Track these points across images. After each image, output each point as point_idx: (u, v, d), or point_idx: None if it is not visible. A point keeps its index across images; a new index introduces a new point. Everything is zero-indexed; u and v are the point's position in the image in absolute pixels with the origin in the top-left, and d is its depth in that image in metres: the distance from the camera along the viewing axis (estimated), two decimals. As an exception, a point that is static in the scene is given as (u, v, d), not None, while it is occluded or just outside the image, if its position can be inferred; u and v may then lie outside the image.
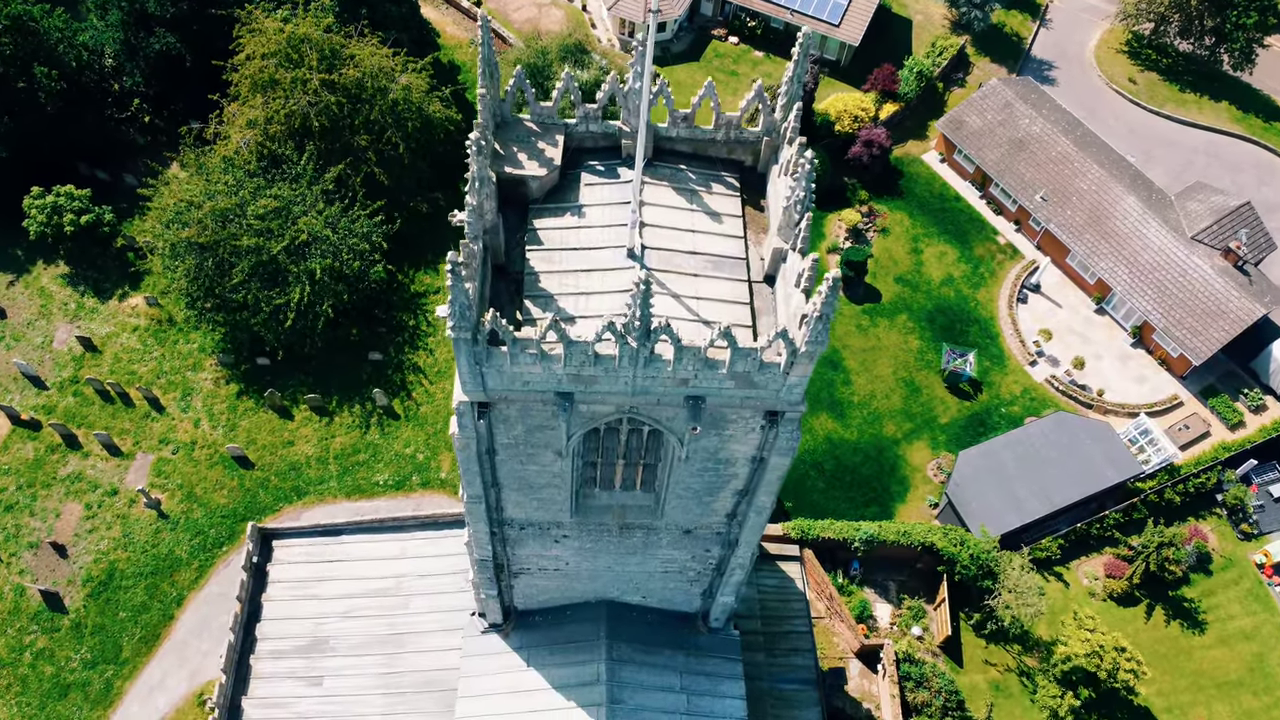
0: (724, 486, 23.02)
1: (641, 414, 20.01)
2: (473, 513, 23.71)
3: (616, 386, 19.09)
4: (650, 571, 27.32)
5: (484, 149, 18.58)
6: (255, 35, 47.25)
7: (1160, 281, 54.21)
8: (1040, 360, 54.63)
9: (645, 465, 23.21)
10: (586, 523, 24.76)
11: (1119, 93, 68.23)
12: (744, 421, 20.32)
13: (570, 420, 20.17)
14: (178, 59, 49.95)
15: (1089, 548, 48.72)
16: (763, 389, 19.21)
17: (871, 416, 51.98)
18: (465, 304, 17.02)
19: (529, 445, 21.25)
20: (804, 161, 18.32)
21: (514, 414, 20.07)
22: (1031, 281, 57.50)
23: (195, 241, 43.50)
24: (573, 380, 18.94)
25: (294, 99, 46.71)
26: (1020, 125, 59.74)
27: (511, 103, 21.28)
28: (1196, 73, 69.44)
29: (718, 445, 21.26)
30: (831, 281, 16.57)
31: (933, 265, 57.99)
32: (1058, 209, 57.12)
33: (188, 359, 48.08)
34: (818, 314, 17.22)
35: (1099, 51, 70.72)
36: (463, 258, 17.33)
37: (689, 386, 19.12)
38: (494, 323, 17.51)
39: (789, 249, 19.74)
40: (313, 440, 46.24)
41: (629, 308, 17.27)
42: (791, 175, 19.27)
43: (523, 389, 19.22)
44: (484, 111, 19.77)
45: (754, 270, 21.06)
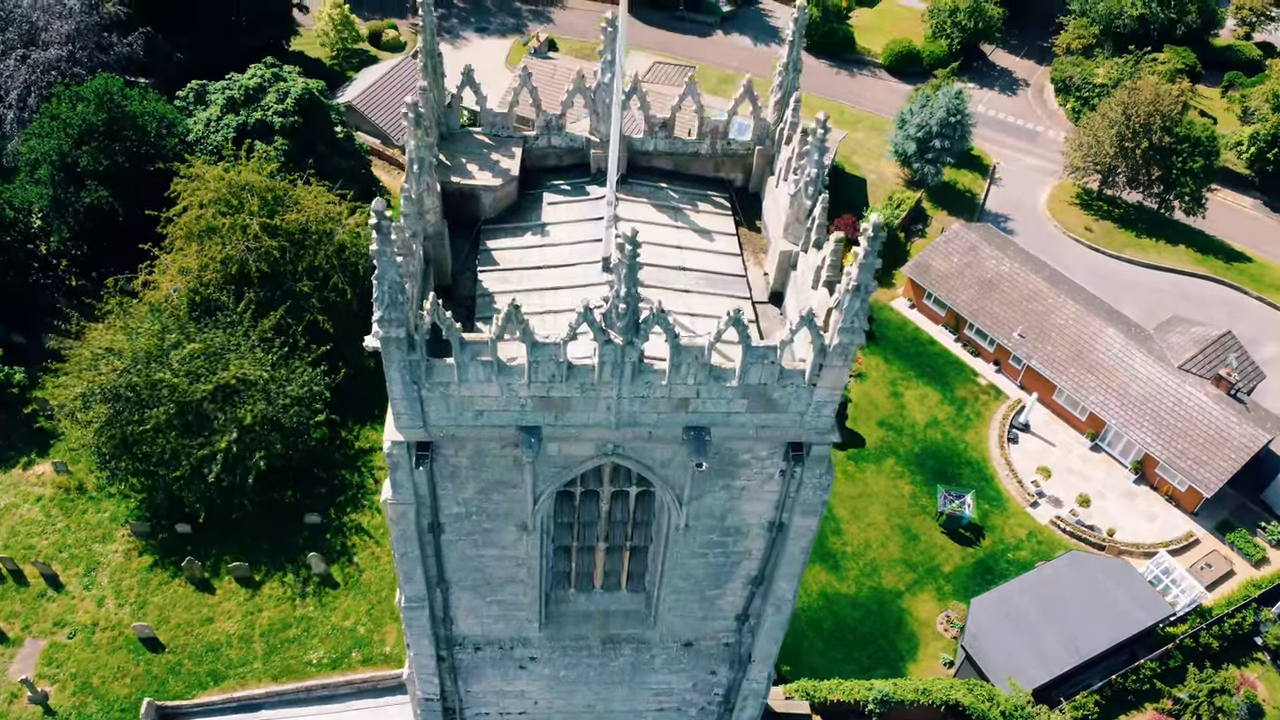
0: (733, 571, 18.24)
1: (629, 455, 15.62)
2: (412, 626, 18.49)
3: (596, 414, 14.81)
4: (641, 710, 21.76)
5: (423, 122, 15.09)
6: (194, 184, 44.78)
7: (1156, 412, 51.38)
8: (1042, 501, 50.64)
9: (633, 551, 18.45)
10: (560, 637, 19.56)
11: (1077, 240, 68.18)
12: (759, 464, 15.98)
13: (538, 470, 15.69)
14: (109, 214, 47.15)
15: (1127, 704, 42.94)
16: (783, 410, 15.05)
17: (868, 567, 47.02)
18: (397, 283, 12.96)
19: (485, 515, 16.56)
20: (816, 130, 15.04)
21: (464, 463, 15.55)
22: (1020, 421, 54.40)
23: (109, 387, 38.98)
24: (540, 406, 14.66)
25: (231, 244, 43.71)
26: (987, 266, 58.57)
27: (458, 110, 18.08)
28: (1150, 220, 69.99)
29: (726, 505, 16.75)
30: (873, 229, 12.85)
31: (915, 408, 54.85)
32: (1037, 345, 54.94)
33: (96, 530, 42.30)
34: (854, 283, 13.38)
35: (1051, 205, 71.33)
36: (398, 248, 13.44)
37: (689, 411, 14.91)
38: (436, 315, 13.40)
39: (799, 250, 16.12)
40: (236, 616, 40.01)
41: (610, 289, 13.34)
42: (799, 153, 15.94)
43: (475, 422, 14.85)
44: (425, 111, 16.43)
45: (756, 291, 17.36)
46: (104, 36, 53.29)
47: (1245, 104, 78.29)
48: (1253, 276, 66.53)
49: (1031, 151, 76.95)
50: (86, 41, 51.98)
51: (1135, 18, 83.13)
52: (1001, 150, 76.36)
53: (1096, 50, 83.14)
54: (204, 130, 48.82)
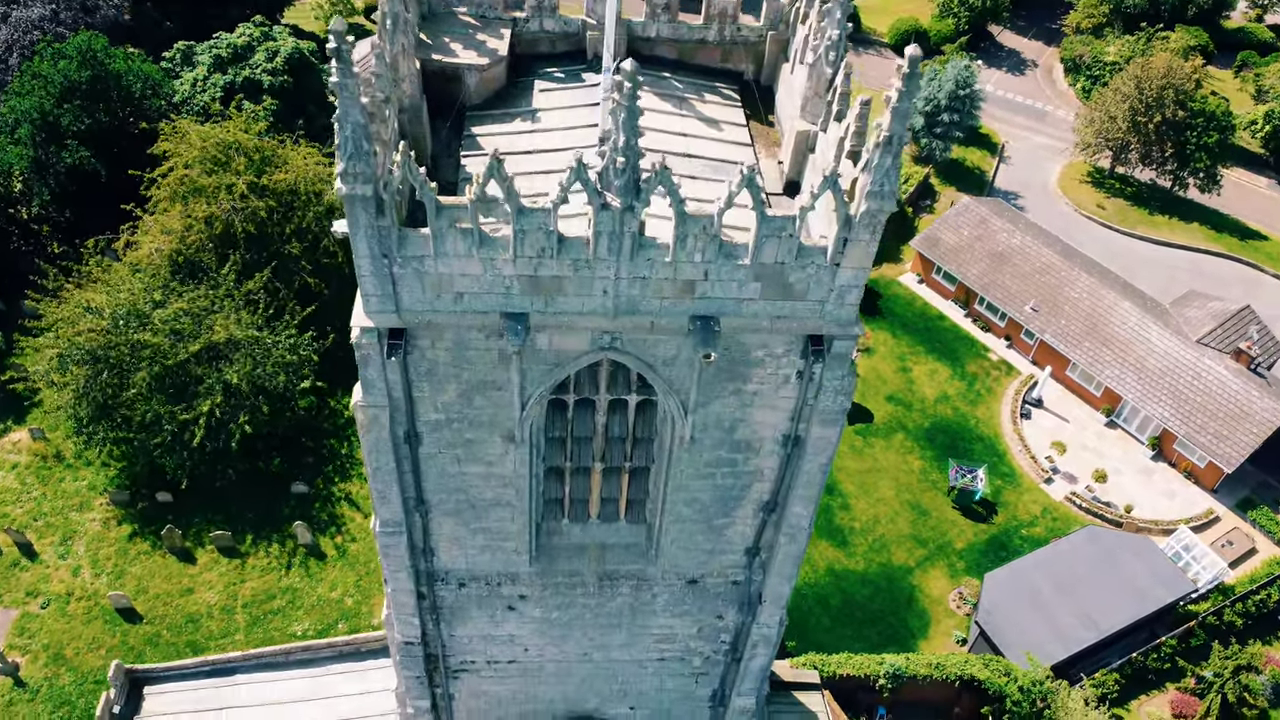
0: (743, 495, 16.53)
1: (629, 351, 13.93)
2: (389, 556, 16.78)
3: (592, 299, 13.14)
4: (641, 660, 20.03)
5: (398, -29, 13.40)
6: (180, 142, 43.10)
7: (1174, 387, 49.65)
8: (1056, 477, 48.88)
9: (633, 474, 16.75)
10: (552, 573, 17.85)
11: (1089, 217, 66.47)
12: (774, 364, 14.28)
13: (526, 367, 14.00)
14: (91, 175, 45.51)
15: (1148, 683, 41.16)
16: (801, 297, 13.36)
17: (877, 543, 45.26)
18: (361, 127, 11.28)
19: (467, 424, 14.87)
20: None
21: (443, 358, 13.86)
22: (1033, 396, 52.67)
23: (88, 348, 37.29)
24: (528, 288, 12.98)
25: (217, 204, 42.05)
26: (999, 239, 56.88)
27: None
28: (1163, 198, 68.29)
29: (736, 414, 15.05)
30: (909, 63, 11.18)
31: (924, 383, 53.12)
32: (1051, 319, 53.24)
33: (73, 498, 40.58)
34: (885, 134, 11.70)
35: (1062, 183, 69.64)
36: (369, 109, 11.75)
37: (696, 297, 13.23)
38: (407, 168, 11.74)
39: (817, 130, 14.45)
40: (218, 587, 38.29)
41: (606, 139, 11.68)
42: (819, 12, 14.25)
43: (454, 307, 13.17)
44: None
45: (769, 183, 15.69)
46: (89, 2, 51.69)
47: (1259, 83, 76.67)
48: (1269, 255, 64.80)
49: (1041, 131, 75.29)
50: (71, 2, 50.36)
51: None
52: (1010, 129, 74.68)
53: (1107, 30, 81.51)
54: (190, 90, 47.22)
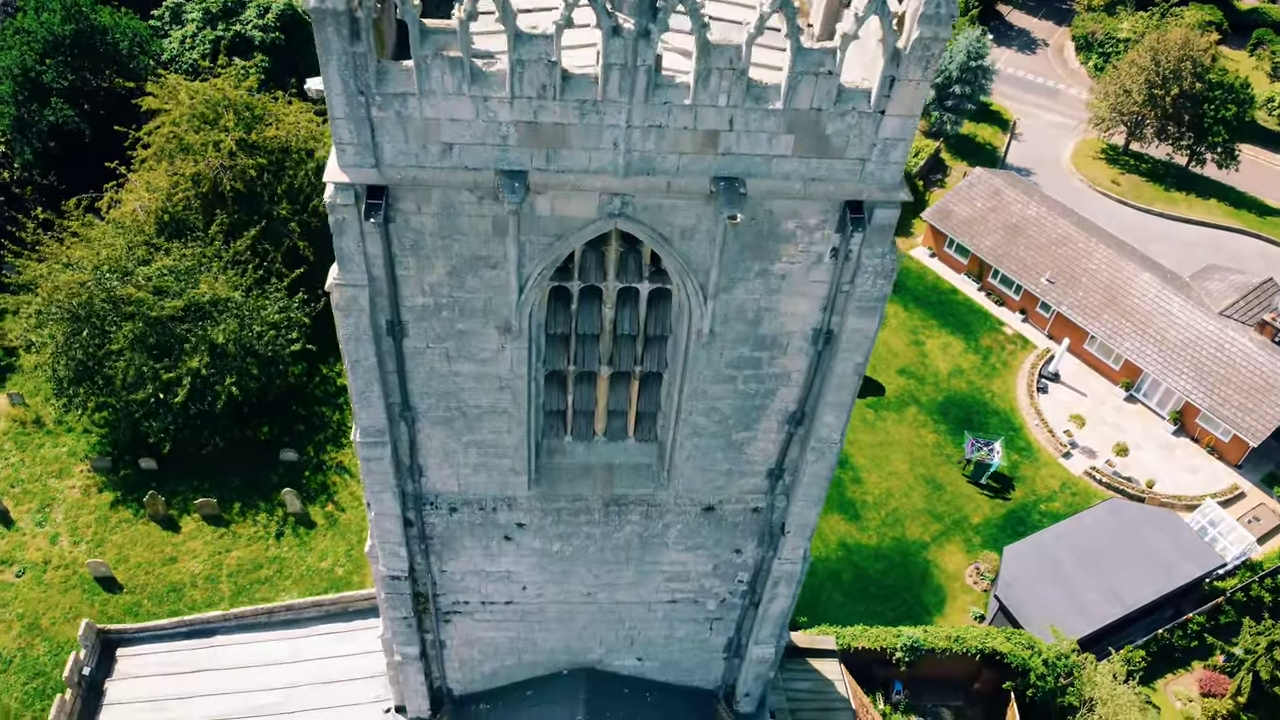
0: (767, 404, 14.82)
1: (641, 220, 12.23)
2: (372, 473, 15.05)
3: (600, 153, 11.45)
4: (650, 602, 18.30)
5: None
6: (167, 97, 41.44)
7: (1196, 359, 47.95)
8: (1075, 452, 47.17)
9: (644, 382, 15.05)
10: (553, 497, 16.14)
11: (1103, 194, 64.84)
12: (806, 238, 12.58)
13: (525, 239, 12.31)
14: (75, 134, 43.85)
15: (1174, 661, 39.43)
16: (839, 154, 11.68)
17: (890, 518, 43.54)
18: (332, -82, 9.56)
19: (458, 311, 13.16)
20: None
21: (430, 226, 12.16)
22: (1050, 370, 50.97)
23: (67, 305, 35.61)
24: (526, 138, 11.29)
25: (205, 162, 40.39)
26: (1013, 210, 55.22)
27: None
28: (1179, 175, 66.68)
29: (761, 302, 13.34)
30: None
31: (938, 357, 51.43)
32: (1067, 291, 51.55)
33: (53, 465, 38.88)
34: (943, -62, 9.97)
35: (1075, 160, 68.04)
36: None
37: (719, 152, 11.55)
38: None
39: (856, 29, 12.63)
40: (202, 555, 36.57)
41: (620, -60, 9.97)
42: None
43: (442, 162, 11.47)
44: None
45: (797, 51, 13.97)
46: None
47: (1276, 60, 75.07)
48: (1290, 231, 63.18)
49: (1053, 109, 73.72)
50: (57, -40, 48.64)
51: (1160, -26, 79.83)
52: (1021, 107, 73.13)
53: (1119, 7, 79.93)
54: (179, 48, 45.59)
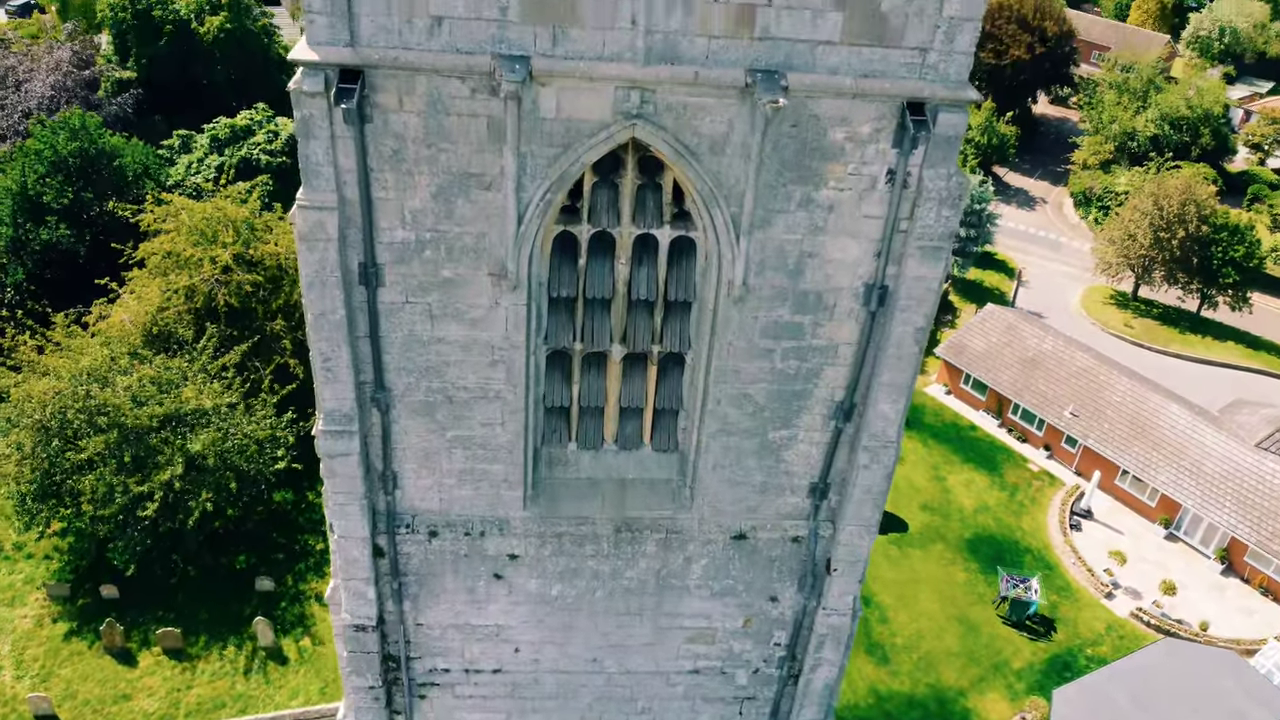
0: (810, 388, 12.43)
1: (663, 124, 10.35)
2: (338, 474, 12.43)
3: (615, 33, 9.75)
4: (669, 672, 15.13)
5: None
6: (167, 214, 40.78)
7: (1238, 492, 45.14)
8: (1118, 592, 43.58)
9: (663, 368, 12.74)
10: (554, 518, 13.44)
11: (1117, 336, 63.69)
12: (858, 152, 10.67)
13: (526, 149, 10.40)
14: (69, 253, 42.99)
15: (1258, 823, 34.58)
16: (896, 42, 9.98)
17: (923, 661, 39.56)
18: None
19: (444, 249, 11.09)
20: None
21: (414, 128, 10.28)
22: (1081, 507, 47.99)
23: (37, 416, 33.38)
24: (530, 10, 9.61)
25: (199, 276, 39.22)
26: (1028, 344, 53.77)
27: None
28: (1192, 319, 65.79)
29: (804, 243, 11.28)
30: None
31: (961, 493, 48.58)
32: (1092, 423, 49.31)
33: (6, 592, 35.50)
34: None
35: (1085, 304, 67.38)
36: None
37: (756, 34, 9.84)
38: None
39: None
40: (159, 693, 32.65)
41: None
42: None
43: (429, 43, 9.74)
44: None
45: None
46: (92, 95, 51.00)
47: (1274, 212, 75.85)
48: (1313, 372, 61.54)
49: (1057, 259, 73.85)
50: (73, 96, 49.58)
51: (1149, 139, 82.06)
52: (1026, 257, 73.24)
53: (1114, 166, 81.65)
54: (185, 173, 45.46)
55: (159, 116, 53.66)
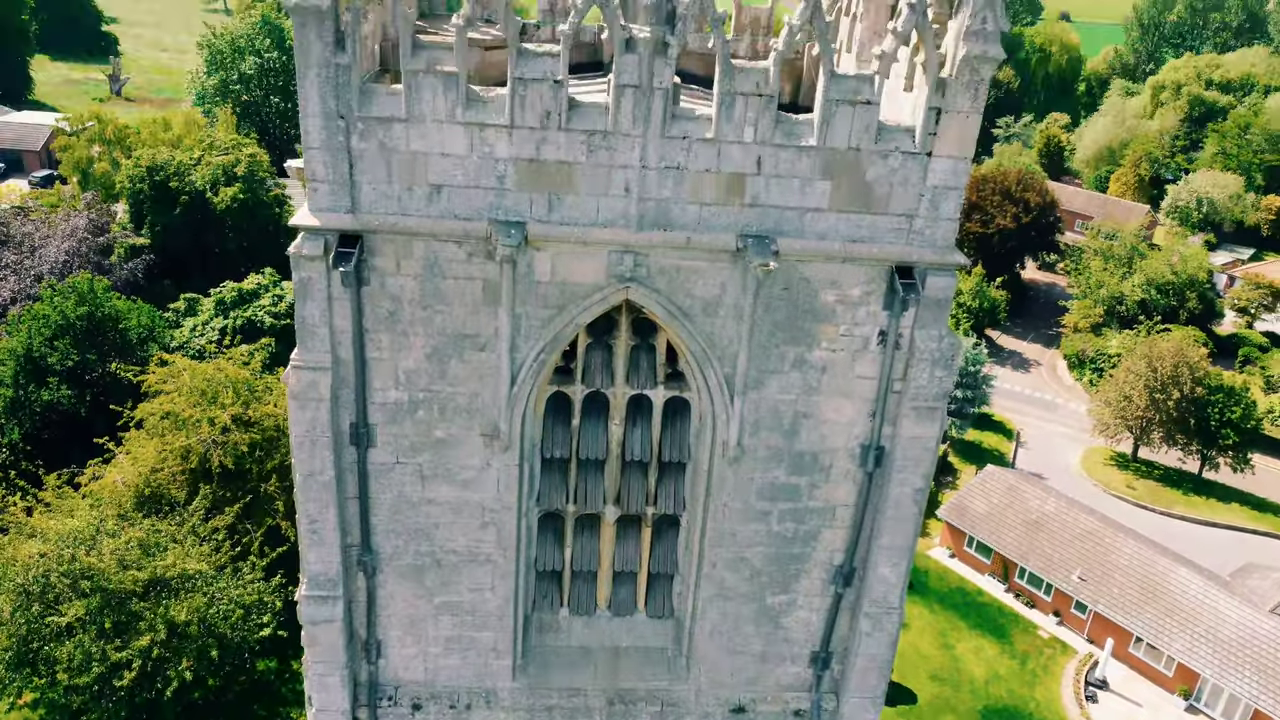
0: (809, 551, 12.12)
1: (656, 286, 10.53)
2: (319, 642, 11.92)
3: (610, 199, 10.06)
4: None
5: None
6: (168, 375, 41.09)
7: (1257, 660, 43.61)
8: (1141, 768, 41.43)
9: (657, 529, 12.48)
10: (544, 688, 12.82)
11: (1119, 498, 63.09)
12: (849, 314, 10.81)
13: (521, 310, 10.53)
14: (69, 413, 43.09)
15: None
16: (883, 208, 10.27)
17: (939, 846, 37.17)
18: (324, -95, 8.86)
19: (437, 409, 11.06)
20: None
21: (410, 290, 10.45)
22: (1096, 676, 46.25)
23: (19, 580, 32.54)
24: (526, 179, 9.94)
25: (197, 437, 39.13)
26: (1031, 505, 53.15)
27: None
28: (1194, 481, 65.29)
29: (798, 403, 11.25)
30: None
31: (971, 661, 46.89)
32: (1102, 588, 48.16)
33: (-32, 770, 33.70)
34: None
35: (1086, 465, 67.07)
36: None
37: (746, 201, 10.15)
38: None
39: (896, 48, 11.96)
40: None
41: (635, -58, 9.27)
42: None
43: (428, 209, 10.04)
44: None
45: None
46: (105, 260, 52.38)
47: (1266, 374, 76.58)
48: (1321, 535, 60.56)
49: (1054, 420, 74.04)
50: (86, 261, 50.91)
51: (1137, 302, 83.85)
52: (1023, 419, 73.47)
53: (1104, 329, 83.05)
54: (189, 336, 46.12)
55: (168, 281, 54.90)
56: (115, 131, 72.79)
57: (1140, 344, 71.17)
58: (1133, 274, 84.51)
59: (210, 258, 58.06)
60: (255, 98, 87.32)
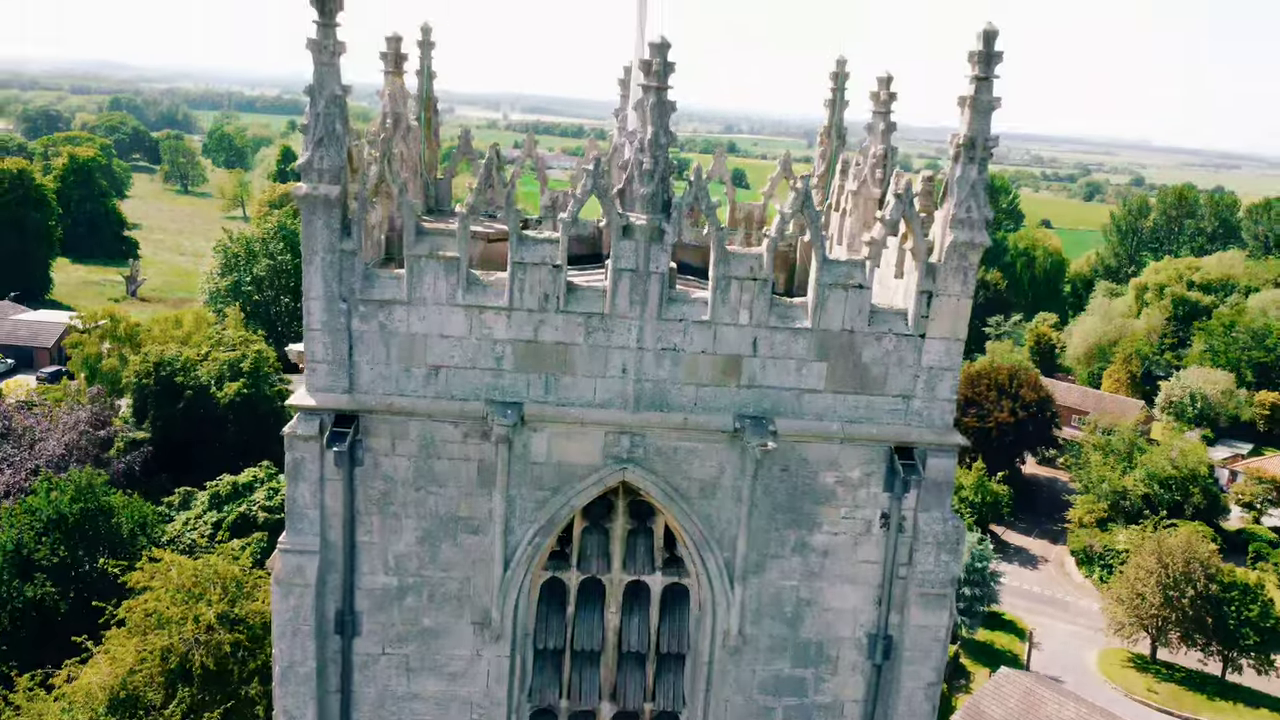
0: (815, 753, 11.37)
1: (654, 469, 10.43)
2: None
3: (607, 380, 10.14)
4: None
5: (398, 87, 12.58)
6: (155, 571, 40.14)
7: None
8: None
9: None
10: None
11: (1142, 703, 60.27)
12: (850, 495, 10.65)
13: (515, 491, 10.39)
14: (50, 610, 41.77)
15: None
16: (879, 388, 10.34)
17: None
18: (338, 104, 9.44)
19: (427, 596, 10.68)
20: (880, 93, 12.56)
21: (404, 471, 10.33)
22: None
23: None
24: (525, 361, 10.06)
25: (179, 636, 37.77)
26: (1048, 709, 50.55)
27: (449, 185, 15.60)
28: (1218, 684, 62.51)
29: (801, 589, 10.89)
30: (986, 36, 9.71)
31: None
32: (1133, 803, 45.11)
33: None
34: (964, 137, 9.83)
35: (1103, 668, 64.47)
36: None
37: (742, 382, 10.23)
38: (386, 169, 9.67)
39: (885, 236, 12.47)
40: None
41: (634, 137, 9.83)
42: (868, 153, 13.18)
43: (426, 389, 10.10)
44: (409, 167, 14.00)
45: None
46: (103, 454, 52.34)
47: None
48: (1357, 746, 57.38)
49: (1066, 619, 71.78)
50: (85, 454, 50.86)
51: (1140, 497, 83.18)
52: (1035, 618, 71.19)
53: (1110, 524, 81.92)
54: (181, 530, 45.41)
55: (165, 474, 54.65)
56: (127, 329, 74.55)
57: (1148, 540, 69.93)
58: (1133, 469, 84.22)
59: (210, 450, 58.01)
60: (266, 298, 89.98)
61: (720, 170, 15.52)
